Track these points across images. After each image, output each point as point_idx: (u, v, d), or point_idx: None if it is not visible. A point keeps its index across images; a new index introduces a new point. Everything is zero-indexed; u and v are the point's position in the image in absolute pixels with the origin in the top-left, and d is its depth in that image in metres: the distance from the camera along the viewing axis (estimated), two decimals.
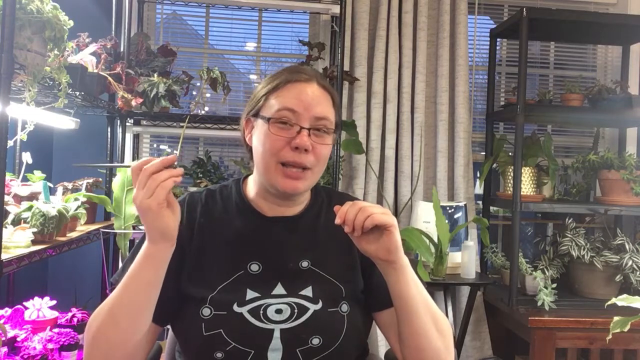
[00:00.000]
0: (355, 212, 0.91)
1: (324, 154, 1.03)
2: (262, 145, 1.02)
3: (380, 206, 0.93)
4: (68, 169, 2.56)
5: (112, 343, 0.93)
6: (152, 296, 0.94)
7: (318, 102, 1.03)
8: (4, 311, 1.67)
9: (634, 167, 2.40)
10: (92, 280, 2.44)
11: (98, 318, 0.95)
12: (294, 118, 1.01)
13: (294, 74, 1.05)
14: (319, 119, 1.02)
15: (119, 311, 0.93)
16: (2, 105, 1.18)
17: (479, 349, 2.72)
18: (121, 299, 0.93)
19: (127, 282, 0.93)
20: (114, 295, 0.94)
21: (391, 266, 0.95)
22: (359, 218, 0.90)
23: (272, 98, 1.03)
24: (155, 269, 0.92)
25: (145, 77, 2.22)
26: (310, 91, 1.03)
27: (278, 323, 1.00)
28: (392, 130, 2.72)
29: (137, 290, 0.93)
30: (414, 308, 0.97)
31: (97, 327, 0.94)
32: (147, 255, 0.92)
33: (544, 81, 3.15)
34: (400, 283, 0.96)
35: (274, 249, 1.06)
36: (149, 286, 0.93)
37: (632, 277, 2.33)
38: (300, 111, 1.01)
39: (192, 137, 2.84)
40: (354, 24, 2.73)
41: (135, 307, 0.93)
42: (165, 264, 0.93)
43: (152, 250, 0.91)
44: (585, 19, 2.48)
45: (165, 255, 0.92)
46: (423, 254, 2.29)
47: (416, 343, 0.98)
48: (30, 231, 1.48)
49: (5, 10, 1.19)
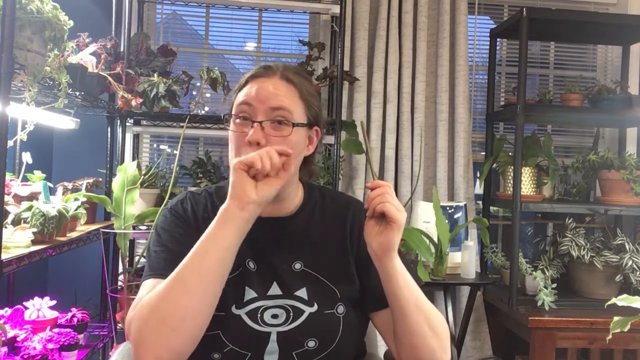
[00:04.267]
0: (379, 192, 0.94)
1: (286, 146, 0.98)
2: (229, 144, 1.02)
3: (401, 205, 0.96)
4: (68, 169, 2.57)
5: (183, 313, 0.87)
6: (225, 261, 0.91)
7: (275, 94, 1.00)
8: (4, 311, 1.67)
9: (634, 167, 2.40)
10: (92, 280, 2.44)
11: (155, 297, 0.88)
12: (250, 112, 0.99)
13: (258, 70, 1.05)
14: (274, 109, 0.98)
15: (191, 277, 0.88)
16: (2, 105, 1.18)
17: (479, 349, 2.72)
18: (192, 264, 0.89)
19: (200, 246, 0.90)
20: (183, 264, 0.90)
21: (383, 264, 0.96)
22: (376, 199, 0.94)
23: (238, 95, 1.04)
24: (228, 229, 0.90)
25: (145, 77, 2.22)
26: (270, 85, 1.01)
27: (274, 326, 1.00)
28: (392, 130, 2.72)
29: (208, 253, 0.89)
30: (406, 307, 0.96)
31: (157, 303, 0.87)
32: (221, 215, 0.91)
33: (544, 81, 3.15)
34: (391, 282, 0.96)
35: (266, 250, 1.05)
36: (220, 249, 0.90)
37: (632, 277, 2.33)
38: (255, 104, 0.99)
39: (192, 137, 2.84)
40: (354, 24, 2.73)
41: (210, 271, 0.89)
42: (235, 229, 0.90)
43: (226, 210, 0.91)
44: (585, 19, 2.48)
45: (235, 216, 0.90)
46: (423, 254, 2.29)
47: (410, 341, 0.98)
48: (30, 231, 1.48)
49: (5, 10, 1.19)
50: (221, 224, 0.91)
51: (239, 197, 0.90)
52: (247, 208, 0.90)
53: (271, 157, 0.91)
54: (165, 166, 2.80)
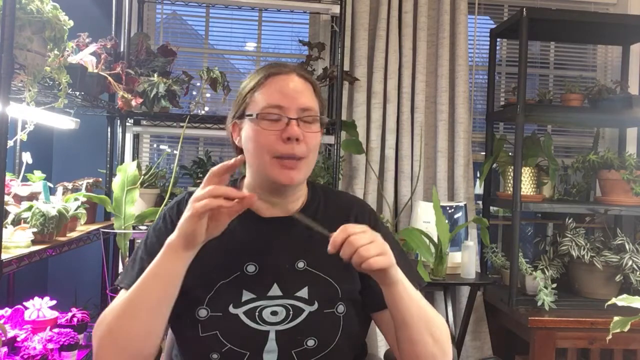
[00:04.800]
0: (350, 253, 0.89)
1: (314, 143, 1.04)
2: (253, 142, 1.03)
3: (372, 237, 0.90)
4: (68, 169, 2.57)
5: (130, 337, 0.92)
6: (170, 293, 0.93)
7: (301, 93, 1.04)
8: (4, 311, 1.67)
9: (634, 167, 2.40)
10: (92, 280, 2.44)
11: (113, 312, 0.94)
12: (281, 112, 1.02)
13: (273, 67, 1.07)
14: (304, 110, 1.03)
15: (139, 304, 0.93)
16: (2, 105, 1.18)
17: (479, 349, 2.72)
18: (141, 293, 0.93)
19: (147, 275, 0.93)
20: (133, 289, 0.94)
21: (384, 284, 0.95)
22: (355, 261, 0.89)
23: (256, 95, 1.04)
24: (172, 266, 0.92)
25: (145, 77, 2.21)
26: (291, 84, 1.04)
27: (273, 325, 1.00)
28: (392, 130, 2.72)
29: (155, 284, 0.93)
30: (409, 319, 0.96)
31: (113, 321, 0.93)
32: (168, 248, 0.92)
33: (544, 81, 3.15)
34: (393, 297, 0.96)
35: (270, 250, 1.06)
36: (165, 282, 0.92)
37: (632, 277, 2.33)
38: (285, 105, 1.02)
39: (192, 137, 2.84)
40: (354, 24, 2.73)
41: (154, 302, 0.93)
42: (181, 264, 0.92)
43: (173, 245, 0.92)
44: (585, 19, 2.48)
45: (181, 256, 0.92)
46: (423, 254, 2.29)
47: (412, 350, 0.98)
48: (30, 231, 1.48)
49: (5, 10, 1.19)
50: (167, 258, 0.92)
51: (188, 240, 0.91)
52: (195, 248, 0.92)
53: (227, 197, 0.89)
54: (165, 166, 2.81)
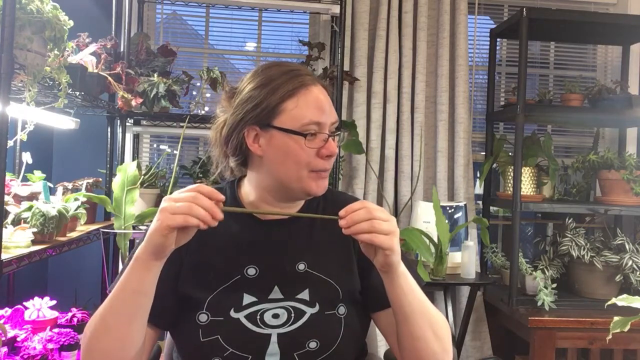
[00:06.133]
0: (364, 217, 0.88)
1: (336, 152, 1.06)
2: (291, 157, 0.99)
3: (390, 222, 0.90)
4: (68, 169, 2.57)
5: (106, 351, 0.92)
6: (142, 304, 0.91)
7: (331, 107, 1.04)
8: (4, 311, 1.67)
9: (634, 167, 2.40)
10: (92, 280, 2.44)
11: (91, 326, 0.93)
12: (319, 128, 1.01)
13: (298, 77, 1.02)
14: (333, 124, 1.04)
15: (110, 319, 0.91)
16: (2, 105, 1.18)
17: (479, 349, 2.72)
18: (112, 307, 0.92)
19: (117, 288, 0.91)
20: (105, 302, 0.93)
21: (386, 273, 0.95)
22: (364, 228, 0.88)
23: (289, 107, 0.99)
24: (141, 278, 0.89)
25: (145, 77, 2.22)
26: (322, 96, 1.03)
27: (275, 328, 1.00)
28: (392, 130, 2.72)
29: (125, 297, 0.91)
30: (410, 314, 0.96)
31: (90, 335, 0.93)
32: (136, 260, 0.89)
33: (544, 81, 3.15)
34: (396, 290, 0.95)
35: (270, 252, 1.05)
36: (135, 294, 0.90)
37: (632, 277, 2.33)
38: (323, 121, 1.01)
39: (192, 137, 2.84)
40: (354, 24, 2.73)
41: (126, 315, 0.91)
42: (151, 275, 0.90)
43: (140, 256, 0.89)
44: (585, 19, 2.48)
45: (149, 267, 0.89)
46: (423, 254, 2.29)
47: (412, 344, 0.98)
48: (30, 231, 1.48)
49: (5, 10, 1.19)
50: (135, 271, 0.89)
51: (157, 251, 0.88)
52: (164, 258, 0.90)
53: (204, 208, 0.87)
54: (165, 166, 2.80)
